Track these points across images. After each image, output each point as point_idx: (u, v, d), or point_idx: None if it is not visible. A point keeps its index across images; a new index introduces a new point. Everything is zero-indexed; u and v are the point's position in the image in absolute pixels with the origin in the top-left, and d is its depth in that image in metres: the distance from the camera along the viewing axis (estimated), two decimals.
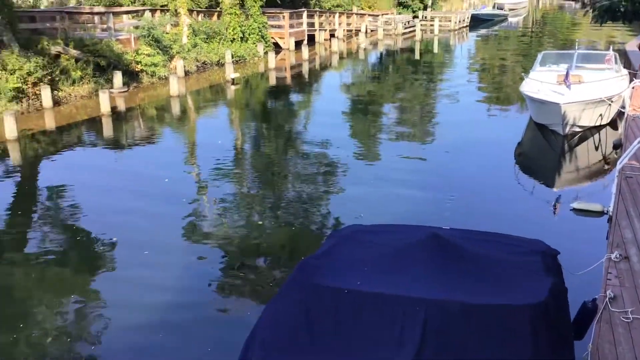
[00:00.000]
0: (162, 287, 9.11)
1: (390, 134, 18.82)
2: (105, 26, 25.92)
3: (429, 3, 54.51)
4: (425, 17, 52.68)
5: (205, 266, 9.85)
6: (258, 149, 17.69)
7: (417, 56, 39.60)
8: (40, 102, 20.40)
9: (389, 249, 5.69)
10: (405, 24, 48.50)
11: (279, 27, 36.73)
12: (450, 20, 51.59)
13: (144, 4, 31.91)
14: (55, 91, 21.12)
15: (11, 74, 19.67)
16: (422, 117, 21.45)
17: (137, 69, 25.10)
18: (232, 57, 30.74)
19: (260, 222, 11.65)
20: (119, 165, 15.75)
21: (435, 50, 42.13)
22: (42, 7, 27.50)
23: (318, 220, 11.83)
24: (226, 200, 12.79)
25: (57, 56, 22.01)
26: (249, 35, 33.62)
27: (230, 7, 32.81)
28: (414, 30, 47.21)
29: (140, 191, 13.35)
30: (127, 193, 13.14)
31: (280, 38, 36.74)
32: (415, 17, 52.26)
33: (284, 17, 36.62)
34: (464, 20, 53.77)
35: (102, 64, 23.31)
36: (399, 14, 52.50)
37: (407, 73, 32.64)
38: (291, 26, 37.27)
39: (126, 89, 23.54)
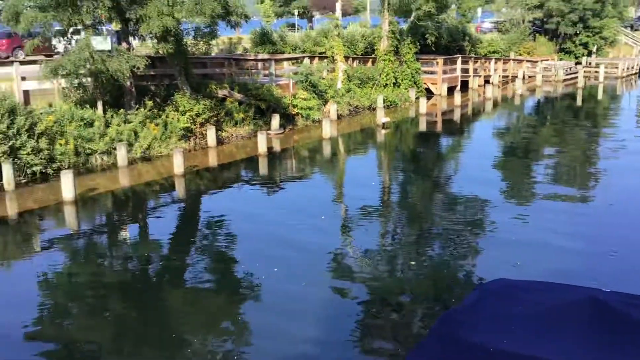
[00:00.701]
0: (308, 321, 9.29)
1: (546, 181, 17.85)
2: (267, 72, 27.61)
3: (594, 49, 51.57)
4: (590, 64, 49.87)
5: (349, 303, 9.92)
6: (406, 192, 17.63)
7: (578, 103, 37.47)
8: (206, 141, 22.09)
9: (540, 309, 5.30)
10: (566, 70, 46.24)
11: (432, 72, 36.76)
12: (617, 67, 48.36)
13: (303, 52, 33.61)
14: (219, 131, 22.77)
15: (182, 115, 21.56)
16: (582, 164, 20.12)
17: (293, 112, 26.36)
18: (384, 102, 31.23)
19: (404, 265, 11.51)
20: (273, 201, 16.48)
21: (600, 97, 39.60)
22: (212, 54, 30.00)
23: (464, 269, 11.42)
24: (373, 241, 12.83)
25: (223, 99, 23.78)
26: (402, 80, 33.99)
27: (385, 54, 33.51)
28: (576, 77, 44.85)
29: (291, 226, 13.85)
30: (279, 227, 13.67)
31: (432, 84, 36.72)
32: (578, 63, 49.68)
33: (437, 63, 36.62)
34: (633, 67, 50.12)
35: (262, 107, 24.80)
36: (560, 59, 50.21)
37: (567, 120, 30.95)
38: (444, 72, 37.13)
39: (282, 131, 24.77)
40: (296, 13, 71.59)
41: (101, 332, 9.21)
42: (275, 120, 24.58)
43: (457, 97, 33.83)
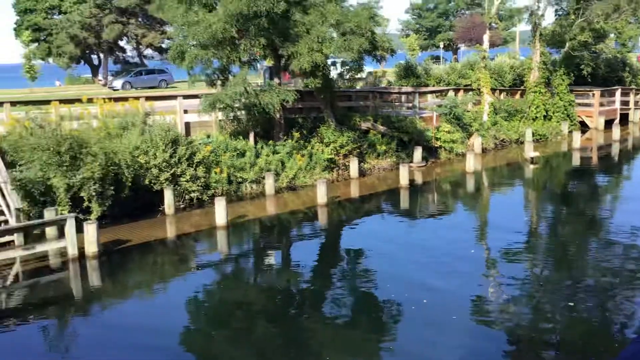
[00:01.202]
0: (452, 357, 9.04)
1: None
2: (410, 105, 27.66)
3: None
4: None
5: (488, 351, 9.48)
6: (555, 233, 16.63)
7: None
8: (348, 172, 22.51)
9: None
10: None
11: (587, 105, 34.61)
12: None
13: (448, 84, 33.27)
14: (362, 163, 23.09)
15: (327, 146, 22.19)
16: None
17: (436, 145, 26.08)
18: (533, 136, 29.87)
19: (552, 313, 10.80)
20: (412, 236, 16.32)
21: None
22: (357, 87, 30.67)
23: (619, 320, 10.48)
24: (517, 284, 12.21)
25: (367, 131, 24.14)
26: (553, 113, 32.36)
27: (536, 85, 32.18)
28: None
29: (432, 260, 13.61)
30: (417, 264, 13.50)
31: (587, 117, 34.54)
32: None
33: (593, 95, 34.45)
34: None
35: (405, 139, 24.81)
36: None
37: None
38: (601, 104, 34.80)
39: (424, 164, 24.57)
40: (441, 45, 71.25)
41: (244, 356, 9.61)
42: (418, 153, 24.47)
43: (616, 131, 31.50)
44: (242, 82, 19.82)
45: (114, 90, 42.38)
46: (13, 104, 18.76)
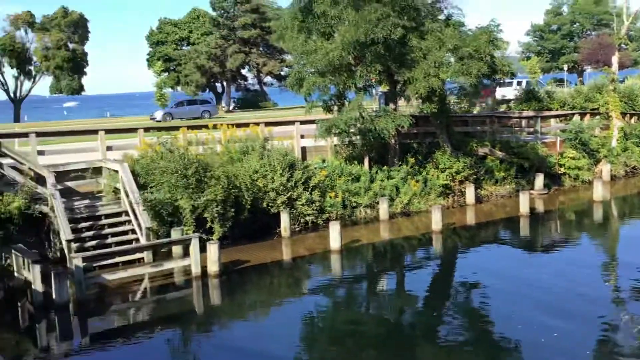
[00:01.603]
0: None
1: None
2: (531, 129, 26.60)
3: None
4: None
5: None
6: None
7: None
8: (464, 198, 21.96)
9: None
10: None
11: None
12: None
13: (573, 108, 31.66)
14: (479, 189, 22.45)
15: (442, 172, 21.81)
16: None
17: (559, 172, 24.81)
18: None
19: None
20: (530, 269, 15.44)
21: None
22: (474, 112, 29.95)
23: None
24: None
25: (484, 157, 23.48)
26: None
27: None
28: None
29: (553, 293, 12.86)
30: (540, 293, 12.82)
31: None
32: None
33: None
34: None
35: (525, 165, 23.85)
36: None
37: None
38: None
39: (546, 191, 23.44)
40: (565, 68, 68.08)
41: None
42: (539, 180, 23.40)
43: None
44: (358, 107, 20.06)
45: (156, 121, 41.13)
46: (146, 129, 20.17)
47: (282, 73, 65.34)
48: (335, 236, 16.31)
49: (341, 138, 21.16)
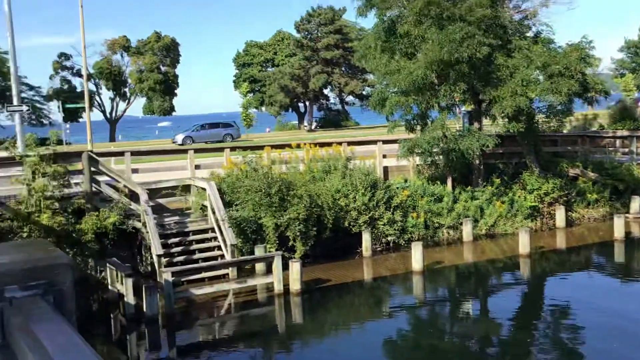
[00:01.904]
0: None
1: None
2: (626, 150, 25.30)
3: None
4: None
5: None
6: None
7: None
8: (554, 221, 21.09)
9: None
10: None
11: None
12: None
13: None
14: (569, 212, 21.52)
15: (530, 193, 21.08)
16: None
17: None
18: None
19: None
20: (627, 298, 14.60)
21: None
22: (564, 132, 28.84)
23: None
24: None
25: (575, 178, 22.52)
26: None
27: None
28: None
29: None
30: (633, 337, 12.04)
31: None
32: None
33: None
34: None
35: (620, 187, 22.67)
36: None
37: None
38: None
39: None
40: None
41: None
42: (636, 203, 22.13)
43: None
44: (441, 127, 19.82)
45: (178, 145, 40.43)
46: (232, 149, 20.79)
47: (364, 92, 65.71)
48: (417, 257, 16.09)
49: (424, 158, 20.93)
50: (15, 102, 25.94)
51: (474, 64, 18.88)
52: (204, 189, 17.22)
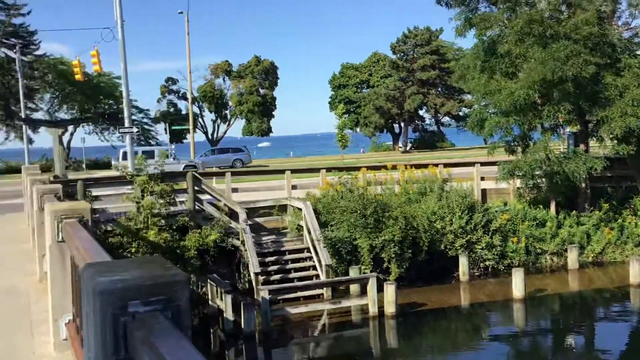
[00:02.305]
0: None
1: None
2: None
3: None
4: None
5: None
6: None
7: None
8: None
9: None
10: None
11: None
12: None
13: None
14: None
15: None
16: None
17: None
18: None
19: None
20: None
21: None
22: None
23: None
24: None
25: None
26: None
27: None
28: None
29: None
30: None
31: None
32: None
33: None
34: None
35: None
36: None
37: None
38: None
39: None
40: None
41: None
42: None
43: None
44: (544, 149, 19.06)
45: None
46: (328, 169, 21.05)
47: (461, 113, 64.60)
48: (518, 284, 15.45)
49: (525, 181, 20.18)
50: (126, 124, 27.71)
51: (580, 83, 18.08)
52: (300, 209, 17.49)
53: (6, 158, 60.52)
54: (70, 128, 51.19)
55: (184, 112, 67.55)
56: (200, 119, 70.50)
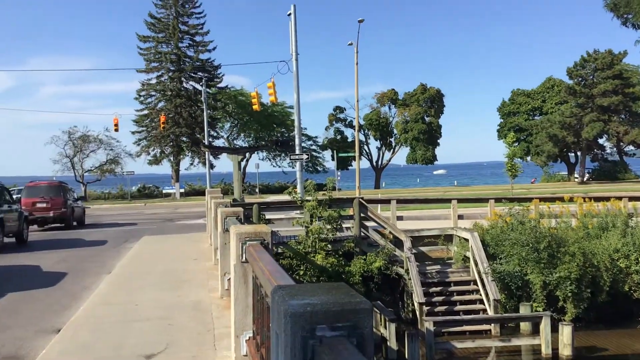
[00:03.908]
0: None
1: None
2: None
3: None
4: None
5: None
6: None
7: None
8: None
9: None
10: None
11: None
12: None
13: None
14: None
15: None
16: None
17: None
18: None
19: None
20: None
21: None
22: None
23: None
24: None
25: None
26: None
27: None
28: None
29: None
30: None
31: None
32: None
33: None
34: None
35: None
36: None
37: None
38: None
39: None
40: None
41: None
42: None
43: None
44: None
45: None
46: (497, 200, 20.25)
47: None
48: None
49: None
50: (297, 151, 29.10)
51: None
52: (467, 240, 16.99)
53: (190, 181, 66.46)
54: (247, 154, 54.90)
55: (350, 139, 69.34)
56: (365, 146, 71.87)
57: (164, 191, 59.22)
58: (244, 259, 5.29)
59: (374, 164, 73.44)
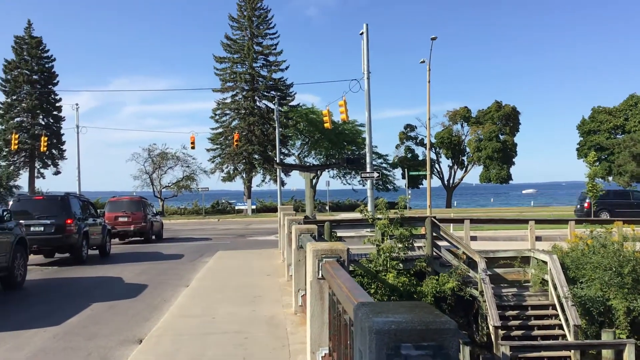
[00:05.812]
0: None
1: None
2: None
3: None
4: None
5: None
6: None
7: None
8: None
9: None
10: None
11: None
12: None
13: None
14: None
15: None
16: None
17: None
18: None
19: None
20: None
21: None
22: None
23: None
24: None
25: None
26: None
27: None
28: None
29: None
30: None
31: None
32: None
33: None
34: None
35: None
36: None
37: None
38: None
39: None
40: None
41: None
42: None
43: None
44: None
45: None
46: (577, 222, 19.51)
47: None
48: None
49: None
50: (368, 169, 29.11)
51: None
52: (545, 262, 16.42)
53: (261, 198, 67.62)
54: (318, 172, 55.39)
55: (420, 157, 68.68)
56: (436, 165, 70.93)
57: (236, 207, 60.51)
58: (320, 275, 5.36)
59: (445, 182, 72.29)
